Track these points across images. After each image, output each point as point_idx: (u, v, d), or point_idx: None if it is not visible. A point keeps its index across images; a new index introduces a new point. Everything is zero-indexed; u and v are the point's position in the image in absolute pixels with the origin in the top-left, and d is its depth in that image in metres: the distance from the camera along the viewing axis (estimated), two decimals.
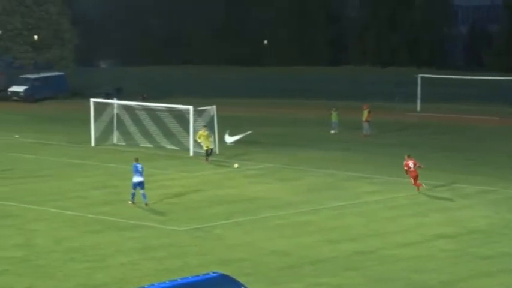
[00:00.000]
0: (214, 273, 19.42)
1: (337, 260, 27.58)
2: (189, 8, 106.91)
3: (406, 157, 38.32)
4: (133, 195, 34.63)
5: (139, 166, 34.55)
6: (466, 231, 31.20)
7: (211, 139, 45.56)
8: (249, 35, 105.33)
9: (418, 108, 67.16)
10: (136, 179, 34.36)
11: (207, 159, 44.66)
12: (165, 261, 27.27)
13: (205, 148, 44.88)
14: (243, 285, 18.47)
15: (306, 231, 31.14)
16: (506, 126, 59.42)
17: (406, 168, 37.91)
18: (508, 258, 27.82)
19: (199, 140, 45.21)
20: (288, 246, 29.17)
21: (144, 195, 34.48)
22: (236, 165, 43.09)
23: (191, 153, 46.79)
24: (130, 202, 34.68)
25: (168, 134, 49.21)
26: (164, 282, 18.88)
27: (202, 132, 45.19)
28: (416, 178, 37.43)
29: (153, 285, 18.76)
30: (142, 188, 34.46)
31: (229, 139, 50.68)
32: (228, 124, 51.94)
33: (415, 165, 37.60)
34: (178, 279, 18.98)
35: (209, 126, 47.52)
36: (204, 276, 18.98)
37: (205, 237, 30.31)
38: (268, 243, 29.47)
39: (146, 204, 34.39)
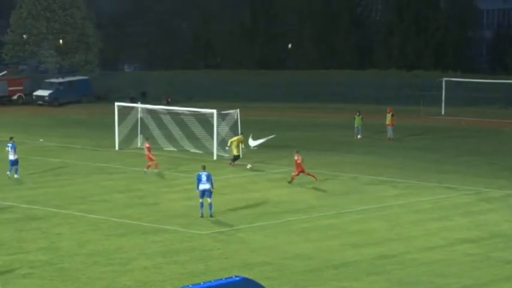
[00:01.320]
0: (237, 276, 19.48)
1: (360, 264, 27.59)
2: (214, 12, 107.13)
3: (295, 152, 39.80)
4: (201, 204, 33.26)
5: (204, 174, 33.17)
6: (489, 235, 31.09)
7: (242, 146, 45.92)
8: (274, 39, 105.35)
9: (443, 112, 66.94)
10: (202, 186, 33.11)
11: (232, 164, 44.74)
12: (188, 264, 27.41)
13: (234, 153, 45.09)
14: None
15: (330, 235, 31.18)
16: None
17: (298, 162, 39.42)
18: None
19: (228, 145, 45.43)
20: (311, 249, 29.22)
21: (209, 205, 33.31)
22: (249, 166, 43.61)
23: (215, 157, 46.95)
24: (200, 215, 33.32)
25: (192, 138, 49.41)
26: (187, 286, 18.98)
27: (239, 138, 45.47)
28: (301, 172, 39.40)
29: None
30: (209, 196, 33.28)
31: (252, 143, 50.77)
32: (252, 128, 52.05)
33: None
34: (201, 283, 19.06)
35: (233, 130, 47.74)
36: (227, 280, 19.05)
37: (228, 241, 30.42)
38: (291, 247, 29.53)
39: (211, 216, 33.27)
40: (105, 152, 49.75)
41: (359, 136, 55.51)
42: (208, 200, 33.42)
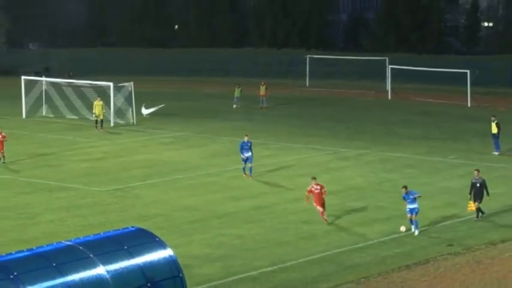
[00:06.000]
0: (132, 227, 19.34)
1: (239, 214, 27.90)
2: None
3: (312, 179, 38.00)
4: (244, 169, 33.19)
5: (246, 143, 32.99)
6: (345, 188, 31.86)
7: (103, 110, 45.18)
8: (162, 21, 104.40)
9: (307, 84, 67.92)
10: (246, 154, 32.99)
11: (102, 128, 44.22)
12: (89, 217, 27.09)
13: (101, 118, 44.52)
14: (157, 237, 18.45)
15: (212, 190, 31.34)
16: (380, 99, 60.64)
17: None
18: (381, 210, 28.60)
19: (94, 110, 44.73)
20: (197, 203, 29.34)
21: (250, 169, 33.06)
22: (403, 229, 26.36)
23: (112, 124, 46.35)
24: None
25: (91, 107, 48.51)
26: (88, 236, 18.71)
27: (97, 102, 44.88)
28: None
29: (78, 238, 18.58)
30: (250, 161, 33.07)
31: (145, 111, 50.48)
32: (144, 98, 51.51)
33: None
34: (101, 233, 18.84)
35: (127, 100, 47.44)
36: (124, 230, 18.88)
37: (124, 196, 30.18)
38: (180, 201, 29.56)
39: (251, 177, 32.97)
40: (13, 120, 48.26)
41: (234, 106, 55.50)
42: (249, 164, 33.04)
